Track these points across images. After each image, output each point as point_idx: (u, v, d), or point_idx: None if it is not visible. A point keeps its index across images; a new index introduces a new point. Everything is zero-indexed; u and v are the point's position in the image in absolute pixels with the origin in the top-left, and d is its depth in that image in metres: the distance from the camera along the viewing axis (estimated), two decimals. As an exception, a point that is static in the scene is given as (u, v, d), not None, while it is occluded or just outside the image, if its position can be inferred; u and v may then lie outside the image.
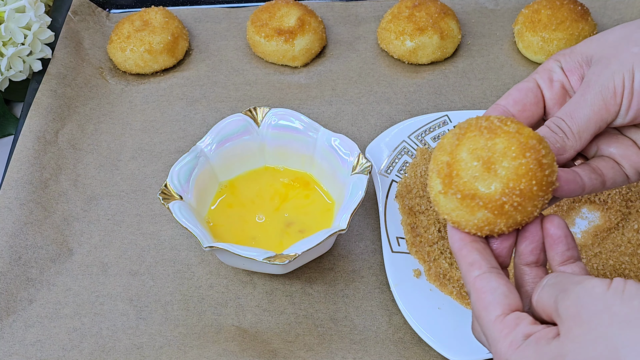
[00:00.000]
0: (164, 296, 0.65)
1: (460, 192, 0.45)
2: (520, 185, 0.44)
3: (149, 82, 0.83)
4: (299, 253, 0.58)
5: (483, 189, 0.44)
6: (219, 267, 0.67)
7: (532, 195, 0.44)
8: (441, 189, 0.46)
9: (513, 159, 0.44)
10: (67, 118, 0.78)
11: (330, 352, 0.60)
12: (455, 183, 0.45)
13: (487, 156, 0.45)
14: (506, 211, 0.44)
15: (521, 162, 0.44)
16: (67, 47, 0.83)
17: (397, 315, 0.63)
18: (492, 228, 0.46)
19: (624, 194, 0.66)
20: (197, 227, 0.61)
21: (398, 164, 0.69)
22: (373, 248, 0.67)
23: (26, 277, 0.66)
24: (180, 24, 0.85)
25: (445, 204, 0.46)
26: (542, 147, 0.45)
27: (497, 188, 0.44)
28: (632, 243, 0.62)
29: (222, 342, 0.61)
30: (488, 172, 0.44)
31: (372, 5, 0.88)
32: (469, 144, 0.45)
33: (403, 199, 0.67)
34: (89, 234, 0.70)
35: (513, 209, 0.44)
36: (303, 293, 0.65)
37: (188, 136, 0.77)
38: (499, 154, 0.44)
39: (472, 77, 0.81)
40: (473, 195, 0.44)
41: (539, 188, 0.44)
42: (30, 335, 0.63)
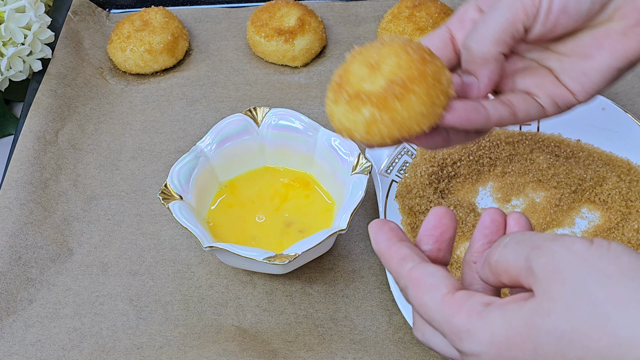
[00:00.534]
0: (164, 296, 0.65)
1: (348, 95, 0.45)
2: (401, 75, 0.44)
3: (149, 82, 0.83)
4: (299, 253, 0.58)
5: (367, 87, 0.45)
6: (219, 267, 0.67)
7: (416, 88, 0.44)
8: (333, 98, 0.46)
9: (397, 56, 0.44)
10: (67, 118, 0.78)
11: (330, 352, 0.60)
12: (345, 89, 0.45)
13: (375, 61, 0.45)
14: (390, 104, 0.44)
15: (403, 57, 0.44)
16: (67, 47, 0.83)
17: (397, 315, 0.63)
18: (381, 129, 0.44)
19: (624, 194, 0.66)
20: (197, 227, 0.61)
21: (398, 164, 0.69)
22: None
23: (26, 277, 0.66)
24: (180, 24, 0.85)
25: (337, 113, 0.46)
26: (429, 53, 0.45)
27: (379, 82, 0.44)
28: (632, 243, 0.62)
29: (222, 342, 0.61)
30: (373, 72, 0.45)
31: (372, 5, 0.88)
32: (360, 57, 0.46)
33: (403, 199, 0.67)
34: (89, 234, 0.70)
35: (397, 100, 0.44)
36: (303, 293, 0.65)
37: (188, 136, 0.77)
38: (386, 57, 0.45)
39: (472, 77, 0.81)
40: (358, 93, 0.45)
41: (423, 82, 0.44)
42: (30, 335, 0.63)
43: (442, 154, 0.69)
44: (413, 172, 0.68)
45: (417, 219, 0.65)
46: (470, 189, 0.69)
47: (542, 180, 0.68)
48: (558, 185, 0.67)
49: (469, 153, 0.70)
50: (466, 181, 0.69)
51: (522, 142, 0.71)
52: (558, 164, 0.68)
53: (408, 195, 0.67)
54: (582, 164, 0.68)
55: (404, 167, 0.69)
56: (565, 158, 0.70)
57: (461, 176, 0.69)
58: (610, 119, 0.71)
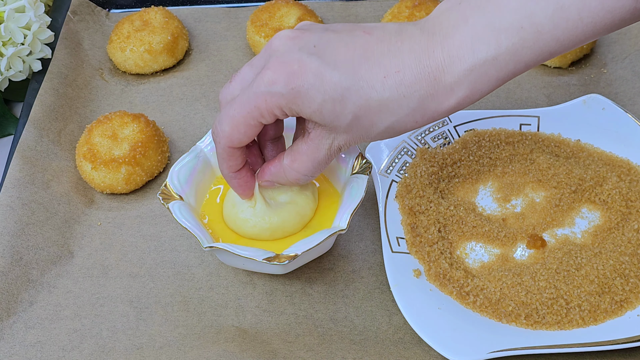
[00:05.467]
0: (164, 297, 0.65)
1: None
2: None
3: (149, 82, 0.83)
4: (299, 253, 0.58)
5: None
6: (219, 268, 0.67)
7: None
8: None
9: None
10: (68, 118, 0.78)
11: (330, 352, 0.60)
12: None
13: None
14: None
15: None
16: (67, 47, 0.83)
17: (397, 315, 0.63)
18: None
19: (624, 194, 0.66)
20: (197, 227, 0.61)
21: (398, 164, 0.69)
22: (373, 248, 0.67)
23: (27, 279, 0.66)
24: (180, 24, 0.85)
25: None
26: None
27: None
28: (632, 243, 0.62)
29: (222, 343, 0.61)
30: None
31: (372, 5, 0.88)
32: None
33: (403, 199, 0.67)
34: (89, 237, 0.70)
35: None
36: (303, 293, 0.65)
37: (188, 136, 0.77)
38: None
39: (472, 77, 0.81)
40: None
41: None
42: (31, 336, 0.63)
43: (442, 154, 0.69)
44: (413, 172, 0.68)
45: (417, 219, 0.65)
46: (470, 189, 0.69)
47: (542, 180, 0.68)
48: (558, 185, 0.67)
49: (469, 153, 0.70)
50: (466, 181, 0.69)
51: (522, 142, 0.71)
52: (558, 164, 0.68)
53: (408, 195, 0.67)
54: (582, 164, 0.68)
55: (404, 167, 0.69)
56: (565, 158, 0.70)
57: (461, 176, 0.69)
58: (610, 119, 0.71)
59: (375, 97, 0.51)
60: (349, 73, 0.51)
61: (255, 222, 0.61)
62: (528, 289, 0.60)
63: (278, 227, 0.62)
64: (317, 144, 0.55)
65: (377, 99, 0.51)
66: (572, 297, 0.60)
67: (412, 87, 0.51)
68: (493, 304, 0.60)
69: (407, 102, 0.51)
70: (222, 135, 0.55)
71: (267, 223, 0.61)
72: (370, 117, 0.52)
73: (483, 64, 0.50)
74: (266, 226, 0.62)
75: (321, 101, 0.51)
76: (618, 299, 0.60)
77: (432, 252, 0.63)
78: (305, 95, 0.51)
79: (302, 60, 0.51)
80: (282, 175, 0.58)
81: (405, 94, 0.51)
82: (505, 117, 0.72)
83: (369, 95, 0.51)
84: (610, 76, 0.80)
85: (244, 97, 0.53)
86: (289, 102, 0.51)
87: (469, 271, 0.63)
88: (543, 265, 0.62)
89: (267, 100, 0.52)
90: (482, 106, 0.78)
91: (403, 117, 0.52)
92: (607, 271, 0.60)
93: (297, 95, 0.51)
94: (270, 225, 0.62)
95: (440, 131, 0.72)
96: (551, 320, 0.59)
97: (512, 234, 0.65)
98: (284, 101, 0.52)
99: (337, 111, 0.52)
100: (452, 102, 0.52)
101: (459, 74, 0.50)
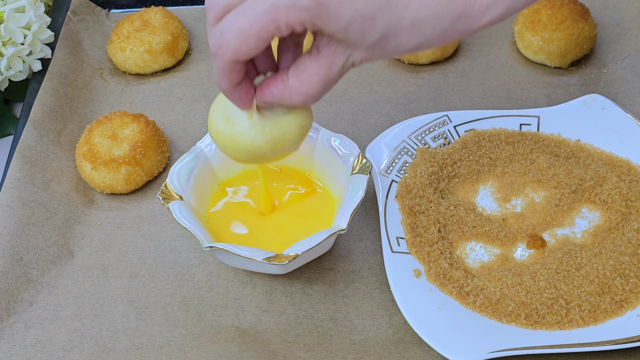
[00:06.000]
0: (164, 297, 0.65)
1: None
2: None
3: (148, 82, 0.83)
4: (299, 253, 0.58)
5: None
6: (218, 268, 0.67)
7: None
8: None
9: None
10: (69, 119, 0.78)
11: (330, 352, 0.60)
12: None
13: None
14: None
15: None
16: (67, 47, 0.83)
17: (397, 316, 0.63)
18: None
19: (624, 194, 0.66)
20: (197, 227, 0.61)
21: (398, 164, 0.69)
22: (373, 248, 0.67)
23: (27, 279, 0.66)
24: (180, 23, 0.85)
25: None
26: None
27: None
28: (632, 243, 0.62)
29: (222, 343, 0.61)
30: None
31: None
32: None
33: (403, 199, 0.67)
34: (89, 237, 0.70)
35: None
36: (303, 293, 0.65)
37: (188, 136, 0.77)
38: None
39: (472, 77, 0.81)
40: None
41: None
42: (31, 336, 0.63)
43: (442, 153, 0.69)
44: (413, 172, 0.68)
45: (417, 219, 0.65)
46: (470, 189, 0.69)
47: (542, 180, 0.68)
48: (558, 185, 0.67)
49: (469, 153, 0.70)
50: (466, 181, 0.69)
51: (522, 142, 0.71)
52: (558, 164, 0.68)
53: (408, 195, 0.67)
54: (582, 164, 0.68)
55: (404, 167, 0.69)
56: (565, 158, 0.70)
57: (461, 176, 0.69)
58: (610, 119, 0.71)
59: (409, 16, 0.47)
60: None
61: (255, 135, 0.55)
62: (528, 289, 0.60)
63: (279, 139, 0.55)
64: (330, 61, 0.50)
65: (411, 19, 0.48)
66: (572, 297, 0.60)
67: (449, 6, 0.48)
68: (493, 304, 0.60)
69: (440, 22, 0.48)
70: (227, 49, 0.48)
71: (267, 135, 0.55)
72: (398, 37, 0.49)
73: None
74: (267, 138, 0.55)
75: (350, 19, 0.47)
76: (618, 299, 0.60)
77: (432, 252, 0.63)
78: (333, 11, 0.46)
79: None
80: (286, 97, 0.52)
81: (441, 14, 0.48)
82: (505, 117, 0.72)
83: (402, 14, 0.47)
84: (610, 76, 0.80)
85: (258, 7, 0.47)
86: (314, 17, 0.46)
87: (469, 271, 0.63)
88: (543, 265, 0.62)
89: (289, 13, 0.46)
90: (482, 106, 0.78)
91: (432, 37, 0.49)
92: (607, 271, 0.60)
93: (324, 10, 0.46)
94: (272, 137, 0.55)
95: (440, 131, 0.72)
96: (551, 320, 0.59)
97: (512, 234, 0.65)
98: (308, 16, 0.46)
99: (365, 30, 0.48)
100: (485, 21, 0.49)
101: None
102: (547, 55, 0.80)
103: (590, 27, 0.80)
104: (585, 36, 0.79)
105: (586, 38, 0.80)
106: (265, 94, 0.53)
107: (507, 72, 0.81)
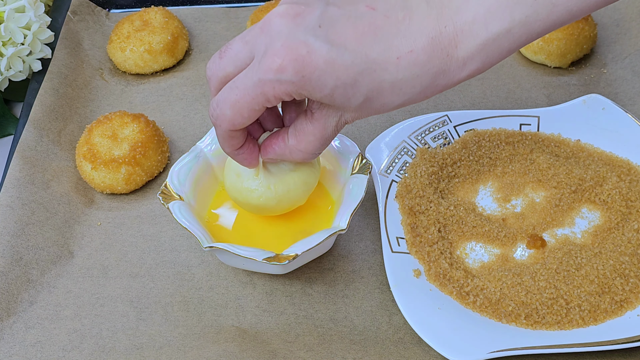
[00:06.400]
0: (164, 297, 0.65)
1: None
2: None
3: (148, 82, 0.83)
4: (299, 253, 0.58)
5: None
6: (219, 268, 0.67)
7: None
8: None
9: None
10: (68, 119, 0.78)
11: (330, 352, 0.60)
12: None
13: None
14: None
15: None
16: (67, 47, 0.83)
17: (397, 316, 0.63)
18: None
19: (624, 194, 0.66)
20: (197, 227, 0.61)
21: (398, 164, 0.69)
22: (373, 248, 0.67)
23: (27, 279, 0.66)
24: (180, 23, 0.85)
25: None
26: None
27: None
28: (632, 243, 0.62)
29: (222, 343, 0.61)
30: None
31: None
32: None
33: (403, 199, 0.67)
34: (89, 237, 0.70)
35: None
36: (303, 293, 0.65)
37: (188, 136, 0.77)
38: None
39: (472, 77, 0.81)
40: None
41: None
42: (31, 337, 0.63)
43: (442, 153, 0.69)
44: (413, 172, 0.68)
45: (417, 219, 0.65)
46: (470, 189, 0.69)
47: (542, 180, 0.68)
48: (558, 185, 0.67)
49: (469, 153, 0.70)
50: (466, 181, 0.69)
51: (522, 142, 0.71)
52: (558, 164, 0.68)
53: (408, 195, 0.67)
54: (582, 164, 0.68)
55: (404, 167, 0.69)
56: (565, 158, 0.70)
57: (461, 176, 0.69)
58: (610, 119, 0.71)
59: (388, 79, 0.50)
60: (360, 56, 0.49)
61: (261, 192, 0.60)
62: (528, 289, 0.60)
63: (284, 196, 0.61)
64: (324, 123, 0.54)
65: (391, 81, 0.50)
66: (572, 297, 0.60)
67: (426, 66, 0.50)
68: (493, 304, 0.60)
69: (419, 81, 0.51)
70: (223, 120, 0.53)
71: (272, 192, 0.60)
72: (382, 98, 0.51)
73: (496, 38, 0.50)
74: (272, 195, 0.60)
75: (333, 86, 0.50)
76: (618, 299, 0.60)
77: (432, 252, 0.63)
78: (316, 82, 0.49)
79: (309, 45, 0.49)
80: (287, 155, 0.57)
81: (419, 74, 0.50)
82: (505, 117, 0.72)
83: (382, 77, 0.50)
84: (610, 76, 0.80)
85: (247, 82, 0.51)
86: (299, 88, 0.50)
87: (469, 271, 0.63)
88: (543, 265, 0.62)
89: (275, 87, 0.50)
90: (482, 106, 0.78)
91: (415, 95, 0.52)
92: (607, 271, 0.60)
93: (307, 82, 0.49)
94: (276, 194, 0.60)
95: (440, 131, 0.72)
96: (551, 320, 0.59)
97: (512, 234, 0.65)
98: (293, 88, 0.50)
99: (348, 94, 0.51)
100: (463, 75, 0.51)
101: (472, 49, 0.50)
102: (547, 55, 0.80)
103: (590, 27, 0.80)
104: (585, 36, 0.79)
105: (586, 38, 0.80)
106: (269, 152, 0.58)
107: (507, 72, 0.81)
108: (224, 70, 0.54)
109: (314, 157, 0.57)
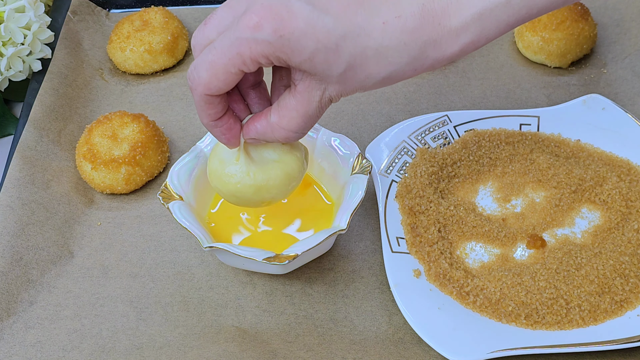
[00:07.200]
0: (164, 297, 0.65)
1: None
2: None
3: (148, 82, 0.83)
4: (299, 253, 0.58)
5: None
6: (218, 268, 0.67)
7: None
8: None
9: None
10: (68, 119, 0.78)
11: (330, 352, 0.60)
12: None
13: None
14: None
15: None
16: (67, 47, 0.83)
17: (397, 316, 0.63)
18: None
19: (624, 194, 0.66)
20: (197, 227, 0.61)
21: (398, 164, 0.69)
22: (373, 248, 0.67)
23: (27, 279, 0.66)
24: (180, 23, 0.85)
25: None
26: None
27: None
28: (632, 243, 0.62)
29: (222, 343, 0.61)
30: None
31: None
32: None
33: (403, 199, 0.67)
34: (89, 237, 0.70)
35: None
36: (303, 293, 0.65)
37: (188, 136, 0.77)
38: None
39: (472, 77, 0.81)
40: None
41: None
42: (31, 336, 0.63)
43: (442, 153, 0.69)
44: (413, 172, 0.68)
45: (417, 219, 0.65)
46: (470, 189, 0.69)
47: (542, 180, 0.68)
48: (558, 185, 0.67)
49: (469, 153, 0.70)
50: (466, 181, 0.69)
51: (522, 142, 0.71)
52: (558, 164, 0.68)
53: (408, 195, 0.67)
54: (582, 164, 0.68)
55: (404, 167, 0.69)
56: (565, 158, 0.70)
57: (461, 176, 0.69)
58: (610, 119, 0.71)
59: (372, 45, 0.47)
60: (343, 19, 0.47)
61: (239, 178, 0.57)
62: (528, 289, 0.60)
63: (263, 186, 0.57)
64: (307, 96, 0.51)
65: (375, 48, 0.48)
66: (572, 297, 0.60)
67: (414, 34, 0.47)
68: (493, 304, 0.60)
69: (407, 50, 0.48)
70: (199, 82, 0.50)
71: (251, 179, 0.57)
72: (366, 67, 0.49)
73: (494, 8, 0.47)
74: (250, 182, 0.57)
75: (313, 50, 0.47)
76: (618, 299, 0.60)
77: (432, 252, 0.63)
78: (295, 44, 0.46)
79: (290, 5, 0.46)
80: (269, 134, 0.53)
81: (407, 41, 0.47)
82: (505, 117, 0.72)
83: (365, 43, 0.47)
84: (610, 76, 0.80)
85: (224, 42, 0.48)
86: (277, 50, 0.47)
87: (469, 271, 0.63)
88: (543, 265, 0.62)
89: (251, 47, 0.47)
90: (482, 106, 0.78)
91: (402, 66, 0.49)
92: (607, 271, 0.60)
93: (286, 43, 0.46)
94: (255, 182, 0.57)
95: (440, 131, 0.72)
96: (551, 320, 0.59)
97: (512, 234, 0.65)
98: (270, 49, 0.47)
99: (330, 60, 0.48)
100: (456, 48, 0.48)
101: (467, 18, 0.47)
102: (547, 55, 0.80)
103: (590, 27, 0.80)
104: (585, 36, 0.79)
105: (586, 38, 0.80)
106: (250, 130, 0.54)
107: (507, 72, 0.81)
108: (207, 38, 0.51)
109: (298, 136, 0.53)
